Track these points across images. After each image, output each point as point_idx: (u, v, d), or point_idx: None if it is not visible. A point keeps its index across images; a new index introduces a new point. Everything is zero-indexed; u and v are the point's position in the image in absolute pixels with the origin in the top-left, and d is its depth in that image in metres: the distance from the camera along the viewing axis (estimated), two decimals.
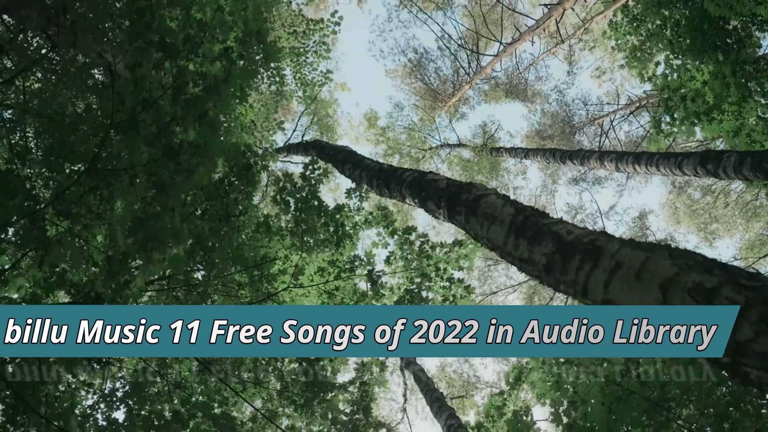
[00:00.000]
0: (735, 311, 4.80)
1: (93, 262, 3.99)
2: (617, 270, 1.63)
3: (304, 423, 6.93)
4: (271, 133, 8.09)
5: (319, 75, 8.55)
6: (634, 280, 1.56)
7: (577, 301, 1.87)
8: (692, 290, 1.40)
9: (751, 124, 7.17)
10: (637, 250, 1.61)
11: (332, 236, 6.73)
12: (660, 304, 1.44)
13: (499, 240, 2.18)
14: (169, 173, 3.65)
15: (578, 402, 6.30)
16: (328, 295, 6.93)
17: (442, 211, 2.85)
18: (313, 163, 6.51)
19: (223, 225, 6.49)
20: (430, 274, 6.59)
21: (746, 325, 1.30)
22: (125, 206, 3.88)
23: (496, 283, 18.28)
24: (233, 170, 6.63)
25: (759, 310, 1.27)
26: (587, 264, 1.75)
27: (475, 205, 2.48)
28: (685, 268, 1.48)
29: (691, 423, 5.96)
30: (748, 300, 1.31)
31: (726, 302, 1.33)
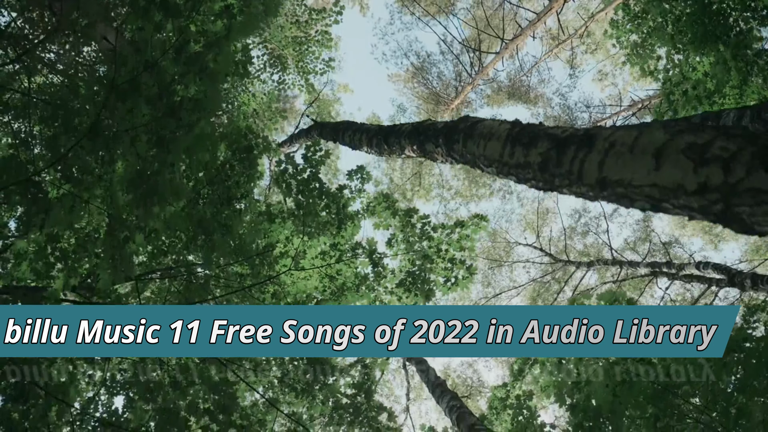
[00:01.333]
0: (735, 311, 4.78)
1: (93, 221, 4.00)
2: (611, 149, 1.63)
3: (305, 408, 6.87)
4: (273, 122, 8.15)
5: (321, 63, 8.63)
6: (628, 154, 1.55)
7: (570, 194, 1.86)
8: (685, 150, 1.39)
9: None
10: (630, 130, 1.61)
11: (334, 219, 6.73)
12: (653, 171, 1.43)
13: (496, 153, 2.18)
14: (170, 129, 3.67)
15: (582, 383, 6.23)
16: (330, 278, 6.90)
17: (440, 149, 2.85)
18: (314, 144, 6.54)
19: (224, 209, 6.52)
20: (432, 255, 6.57)
21: (738, 167, 1.29)
22: (126, 167, 3.90)
23: (499, 286, 18.19)
24: (235, 154, 6.66)
25: (750, 151, 1.26)
26: (582, 151, 1.75)
27: (472, 129, 2.48)
28: (677, 133, 1.47)
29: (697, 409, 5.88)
30: (740, 145, 1.30)
31: (719, 152, 1.32)
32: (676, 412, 5.99)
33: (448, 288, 6.60)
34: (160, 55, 3.96)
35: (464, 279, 6.49)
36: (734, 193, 1.29)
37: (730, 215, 1.34)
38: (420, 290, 6.56)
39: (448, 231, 6.61)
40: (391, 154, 3.68)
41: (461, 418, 6.18)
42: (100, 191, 4.16)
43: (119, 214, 3.75)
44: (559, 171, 1.85)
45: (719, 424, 5.75)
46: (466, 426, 5.92)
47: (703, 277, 12.78)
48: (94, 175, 4.20)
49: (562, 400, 6.07)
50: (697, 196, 1.36)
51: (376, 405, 6.63)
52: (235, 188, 6.63)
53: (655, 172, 1.47)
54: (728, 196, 1.31)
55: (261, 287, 6.75)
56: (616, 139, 1.66)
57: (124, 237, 3.71)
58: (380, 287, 6.91)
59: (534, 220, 18.93)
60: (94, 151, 4.12)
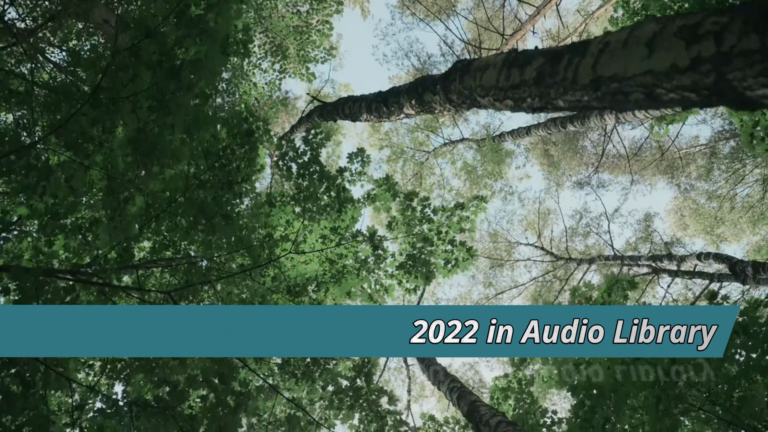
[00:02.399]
0: (735, 311, 4.69)
1: (93, 187, 4.02)
2: (605, 49, 1.64)
3: (305, 393, 6.84)
4: (274, 111, 8.20)
5: (322, 52, 8.68)
6: (621, 49, 1.56)
7: (565, 105, 1.87)
8: (677, 32, 1.40)
9: None
10: (623, 31, 1.62)
11: (334, 202, 6.74)
12: (646, 58, 1.44)
13: (492, 80, 2.19)
14: (170, 91, 3.69)
15: (584, 364, 6.20)
16: (330, 262, 6.90)
17: (439, 97, 2.87)
18: (315, 127, 6.56)
19: (225, 192, 6.54)
20: (432, 238, 6.56)
21: (729, 36, 1.29)
22: (126, 132, 3.92)
23: (501, 287, 18.14)
24: (235, 138, 6.69)
25: (742, 19, 1.27)
26: (576, 58, 1.76)
27: (468, 66, 2.50)
28: (669, 20, 1.48)
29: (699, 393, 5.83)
30: (732, 16, 1.31)
31: (711, 27, 1.33)
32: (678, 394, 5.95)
33: (448, 270, 6.59)
34: (162, 20, 4.00)
35: (465, 261, 6.48)
36: (726, 61, 1.30)
37: (722, 86, 1.34)
38: (420, 273, 6.55)
39: (448, 213, 6.61)
40: (390, 115, 3.69)
41: (461, 396, 6.15)
42: (101, 157, 4.18)
43: (119, 176, 3.76)
44: (554, 81, 1.86)
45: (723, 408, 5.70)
46: (467, 403, 5.88)
47: (704, 273, 12.73)
48: (94, 143, 4.22)
49: (563, 381, 6.04)
50: (690, 72, 1.37)
51: (376, 388, 6.60)
52: (235, 173, 6.65)
53: (647, 60, 1.48)
54: (720, 64, 1.31)
55: (261, 270, 6.75)
56: (610, 40, 1.67)
57: (124, 197, 3.72)
58: (380, 271, 6.90)
59: (535, 220, 18.92)
60: (95, 118, 4.14)
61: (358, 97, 4.56)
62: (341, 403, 6.55)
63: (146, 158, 3.59)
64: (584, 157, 19.43)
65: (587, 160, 19.45)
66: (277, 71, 8.42)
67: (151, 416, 4.63)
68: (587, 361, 6.21)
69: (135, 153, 3.69)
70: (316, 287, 6.56)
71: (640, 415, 5.76)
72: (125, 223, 3.71)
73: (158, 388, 4.64)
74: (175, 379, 4.73)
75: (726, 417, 5.47)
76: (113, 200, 3.73)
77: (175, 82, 3.72)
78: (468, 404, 5.86)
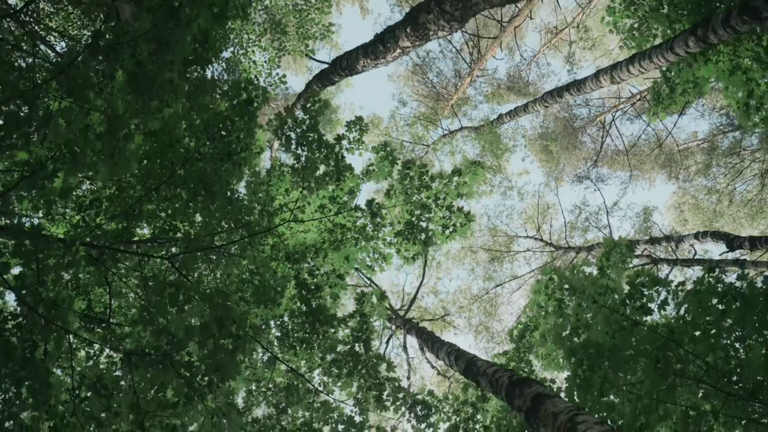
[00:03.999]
0: None
1: (93, 130, 4.06)
2: None
3: (304, 361, 6.85)
4: (274, 87, 8.29)
5: (320, 29, 8.77)
6: None
7: None
8: None
9: (747, 64, 7.25)
10: None
11: (332, 171, 6.78)
12: None
13: None
14: (169, 29, 3.75)
15: (581, 328, 6.21)
16: (329, 231, 6.92)
17: (433, 14, 2.92)
18: (313, 96, 6.63)
19: (225, 162, 6.59)
20: (430, 204, 6.60)
21: None
22: (125, 73, 3.97)
23: (500, 279, 18.15)
24: (235, 108, 6.74)
25: None
26: None
27: None
28: None
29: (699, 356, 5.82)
30: None
31: None
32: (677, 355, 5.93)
33: (446, 237, 6.62)
34: None
35: (463, 226, 6.51)
36: None
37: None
38: (419, 240, 6.58)
39: (446, 181, 6.65)
40: (387, 54, 3.75)
41: (459, 356, 6.15)
42: (101, 102, 4.22)
43: (119, 115, 3.81)
44: None
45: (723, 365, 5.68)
46: (464, 360, 5.89)
47: (703, 260, 12.75)
48: (95, 89, 4.27)
49: (561, 343, 6.04)
50: None
51: (374, 355, 6.61)
52: (236, 143, 6.70)
53: None
54: None
55: (261, 239, 6.78)
56: None
57: (123, 135, 3.77)
58: (379, 240, 6.93)
59: (534, 215, 18.95)
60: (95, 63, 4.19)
61: (353, 50, 4.62)
62: (340, 369, 6.55)
63: (145, 94, 3.64)
64: (583, 151, 19.50)
65: (586, 155, 19.52)
66: (277, 49, 8.52)
67: (150, 365, 4.64)
68: (585, 325, 6.22)
69: (134, 91, 3.74)
70: (315, 254, 6.58)
71: (638, 375, 5.76)
72: (125, 160, 3.75)
73: (157, 338, 4.66)
74: (175, 332, 4.75)
75: (726, 388, 5.44)
76: (112, 139, 3.77)
77: (173, 21, 3.78)
78: (465, 361, 5.87)
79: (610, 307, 6.31)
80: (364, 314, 6.53)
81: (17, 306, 4.98)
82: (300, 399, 6.59)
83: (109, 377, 4.75)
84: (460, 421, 8.07)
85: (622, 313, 6.19)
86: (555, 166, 19.79)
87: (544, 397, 3.98)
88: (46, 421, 4.82)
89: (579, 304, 6.28)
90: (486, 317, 17.83)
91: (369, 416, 6.60)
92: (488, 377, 5.00)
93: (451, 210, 6.53)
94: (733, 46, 7.22)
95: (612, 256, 6.40)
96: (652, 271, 14.40)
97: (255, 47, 8.22)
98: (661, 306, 6.13)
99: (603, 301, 6.43)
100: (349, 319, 6.63)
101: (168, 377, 4.57)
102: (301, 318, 6.59)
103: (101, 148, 3.80)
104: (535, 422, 3.73)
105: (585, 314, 6.29)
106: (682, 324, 5.86)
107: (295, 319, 6.82)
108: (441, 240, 6.64)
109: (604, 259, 6.39)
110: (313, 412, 6.54)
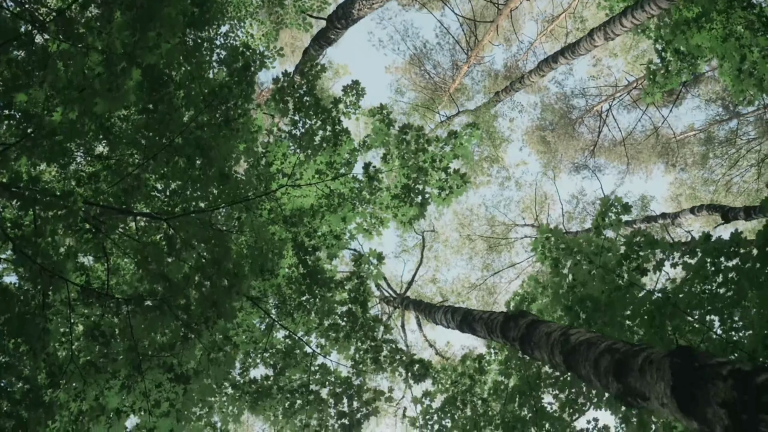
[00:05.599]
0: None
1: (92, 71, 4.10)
2: None
3: (302, 326, 6.86)
4: (271, 60, 8.34)
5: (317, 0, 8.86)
6: None
7: None
8: None
9: (739, 31, 7.31)
10: None
11: (330, 135, 6.82)
12: None
13: None
14: None
15: (578, 287, 6.23)
16: (326, 196, 6.96)
17: None
18: (311, 60, 6.67)
19: (222, 129, 6.64)
20: (427, 168, 6.63)
21: None
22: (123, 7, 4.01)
23: (498, 267, 18.18)
24: (232, 76, 6.79)
25: None
26: None
27: None
28: None
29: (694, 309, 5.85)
30: None
31: None
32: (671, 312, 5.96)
33: (443, 199, 6.65)
34: None
35: (459, 188, 6.54)
36: None
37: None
38: (415, 203, 6.62)
39: (442, 144, 6.69)
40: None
41: (455, 312, 6.18)
42: (100, 43, 4.26)
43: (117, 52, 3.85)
44: None
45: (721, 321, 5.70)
46: (460, 314, 5.92)
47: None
48: (93, 32, 4.31)
49: (557, 300, 6.07)
50: None
51: (371, 317, 6.63)
52: (233, 109, 6.75)
53: None
54: None
55: (258, 203, 6.81)
56: None
57: (121, 68, 3.81)
58: (376, 205, 6.97)
59: (532, 205, 19.01)
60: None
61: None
62: (337, 333, 6.57)
63: (143, 25, 3.68)
64: (580, 142, 19.58)
65: (584, 145, 19.60)
66: (275, 23, 8.59)
67: (148, 311, 4.66)
68: (582, 282, 6.25)
69: (133, 26, 3.78)
70: (312, 216, 6.61)
71: (635, 328, 5.79)
72: (123, 92, 3.79)
73: (154, 284, 4.68)
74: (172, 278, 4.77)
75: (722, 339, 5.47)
76: (111, 73, 3.81)
77: None
78: (461, 314, 5.90)
79: (606, 267, 6.34)
80: (361, 276, 6.55)
81: (13, 254, 4.99)
82: (297, 362, 6.60)
83: (106, 324, 4.77)
84: (457, 392, 8.09)
85: (618, 274, 6.22)
86: (552, 156, 19.87)
87: (538, 322, 4.01)
88: (44, 369, 4.83)
89: (576, 263, 6.31)
90: (483, 306, 17.85)
91: (367, 380, 6.62)
92: (484, 321, 5.02)
93: (447, 172, 6.57)
94: (726, 13, 7.28)
95: (608, 216, 6.43)
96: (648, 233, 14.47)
97: (254, 21, 8.29)
98: (657, 267, 6.15)
99: (599, 261, 6.46)
100: (347, 282, 6.66)
101: (166, 321, 4.59)
102: (298, 283, 6.62)
103: (99, 85, 3.84)
104: (530, 346, 3.76)
105: (581, 274, 6.32)
106: (677, 287, 5.89)
107: (292, 286, 6.84)
108: (437, 202, 6.67)
109: (600, 219, 6.42)
110: (311, 375, 6.56)
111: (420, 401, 7.49)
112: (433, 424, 7.73)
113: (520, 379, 6.90)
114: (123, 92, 3.78)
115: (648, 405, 2.12)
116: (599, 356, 2.66)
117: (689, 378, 1.93)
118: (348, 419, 6.03)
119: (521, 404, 7.15)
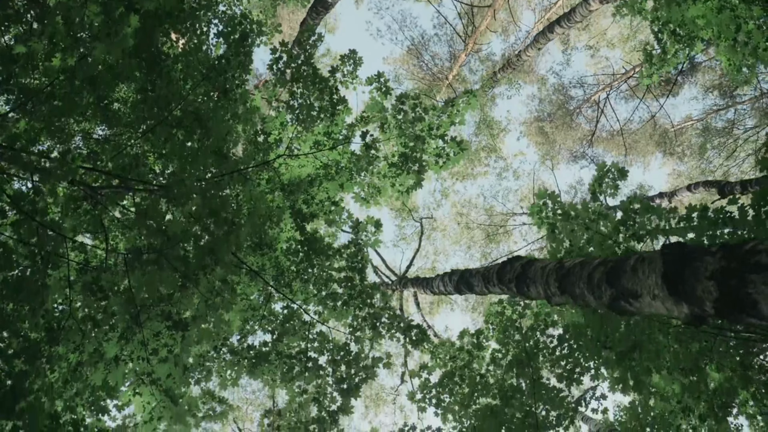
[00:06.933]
0: None
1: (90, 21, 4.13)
2: None
3: (299, 293, 6.88)
4: (269, 37, 8.37)
5: None
6: None
7: None
8: None
9: (734, 2, 7.36)
10: None
11: (327, 105, 6.84)
12: None
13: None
14: None
15: (575, 252, 6.26)
16: (324, 166, 6.98)
17: None
18: (308, 30, 6.70)
19: (221, 100, 6.67)
20: (424, 136, 6.66)
21: None
22: None
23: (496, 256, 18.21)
24: (231, 47, 6.81)
25: None
26: None
27: None
28: None
29: None
30: None
31: None
32: None
33: (440, 167, 6.68)
34: None
35: (456, 156, 6.57)
36: None
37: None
38: (413, 171, 6.64)
39: (439, 112, 6.72)
40: None
41: (452, 274, 6.20)
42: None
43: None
44: None
45: None
46: (457, 274, 5.94)
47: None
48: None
49: (553, 238, 6.09)
50: None
51: (369, 285, 6.65)
52: (231, 81, 6.77)
53: None
54: None
55: (256, 172, 6.84)
56: None
57: (119, 14, 3.84)
58: (374, 175, 6.99)
59: (530, 195, 19.05)
60: None
61: None
62: (335, 301, 6.59)
63: None
64: (578, 132, 19.64)
65: (582, 136, 19.66)
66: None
67: (146, 265, 4.67)
68: (579, 248, 6.28)
69: None
70: (310, 184, 6.64)
71: None
72: (120, 38, 3.82)
73: (150, 238, 4.69)
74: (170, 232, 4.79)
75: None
76: (108, 20, 3.84)
77: None
78: (458, 274, 5.92)
79: (603, 233, 6.38)
80: (359, 243, 6.57)
81: (12, 211, 5.00)
82: (296, 331, 6.62)
83: (105, 278, 4.78)
84: (455, 368, 8.11)
85: (614, 240, 6.25)
86: (551, 147, 19.92)
87: (534, 261, 4.03)
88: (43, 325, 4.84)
89: (572, 230, 6.33)
90: (482, 297, 17.87)
91: (365, 348, 6.63)
92: (480, 274, 5.05)
93: (444, 140, 6.60)
94: None
95: (604, 182, 6.46)
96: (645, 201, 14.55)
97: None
98: (653, 233, 6.18)
99: (596, 227, 6.49)
100: (344, 250, 6.68)
101: (164, 275, 4.60)
102: (296, 253, 6.64)
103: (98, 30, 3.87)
104: (525, 284, 3.78)
105: (578, 240, 6.35)
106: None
107: (291, 257, 6.86)
108: (434, 170, 6.69)
109: (597, 185, 6.45)
110: (308, 342, 6.58)
111: (418, 374, 7.51)
112: (432, 398, 7.75)
113: (518, 346, 6.93)
114: (121, 37, 3.81)
115: (640, 304, 2.15)
116: (593, 270, 2.69)
117: (680, 262, 1.96)
118: (346, 384, 6.05)
119: (518, 375, 7.18)
